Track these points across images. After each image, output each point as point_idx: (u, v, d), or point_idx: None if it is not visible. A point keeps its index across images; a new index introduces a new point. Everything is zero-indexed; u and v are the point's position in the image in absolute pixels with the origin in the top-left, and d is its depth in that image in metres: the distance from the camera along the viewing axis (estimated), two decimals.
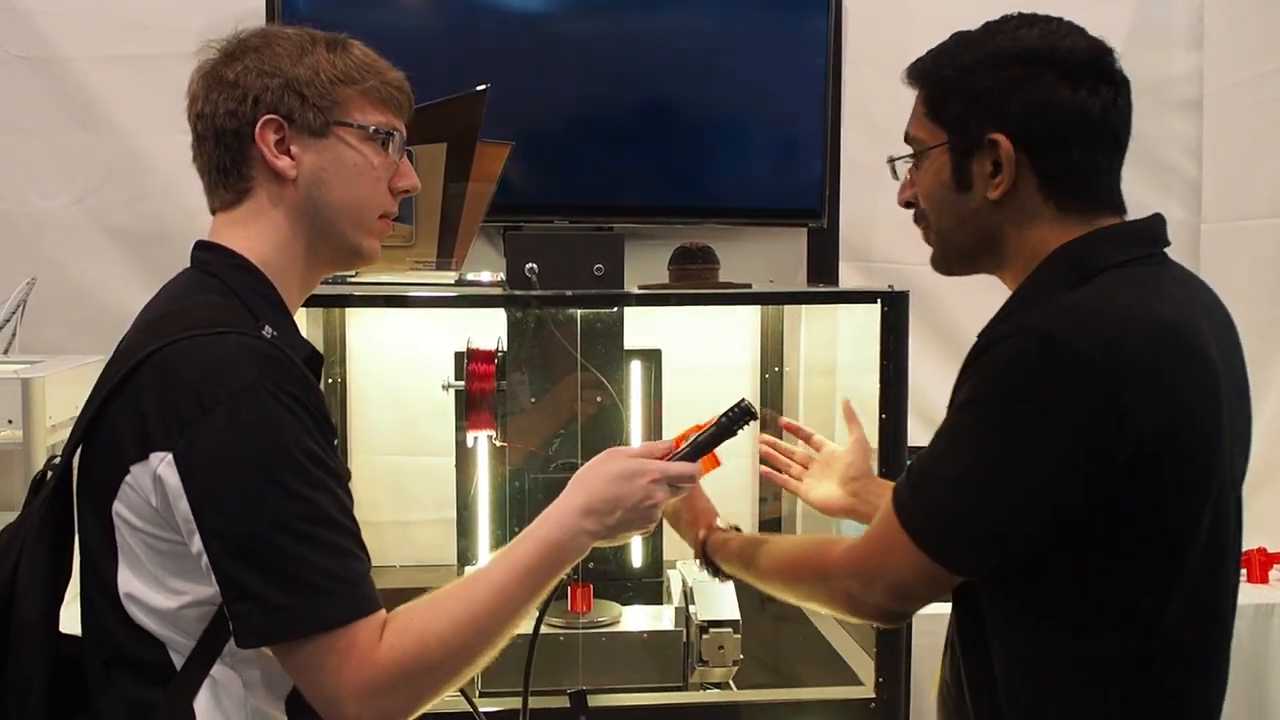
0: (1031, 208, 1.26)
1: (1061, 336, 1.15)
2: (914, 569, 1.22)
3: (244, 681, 1.16)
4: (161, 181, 2.56)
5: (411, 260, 2.09)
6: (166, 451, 1.09)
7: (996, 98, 1.25)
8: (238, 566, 1.08)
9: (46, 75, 2.58)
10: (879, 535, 1.27)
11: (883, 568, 1.25)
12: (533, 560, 1.23)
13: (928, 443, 1.27)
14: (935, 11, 2.74)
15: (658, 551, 2.49)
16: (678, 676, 2.20)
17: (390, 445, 2.73)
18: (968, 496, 1.20)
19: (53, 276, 2.55)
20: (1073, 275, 1.23)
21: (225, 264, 1.23)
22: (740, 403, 1.43)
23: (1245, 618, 2.47)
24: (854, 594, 1.29)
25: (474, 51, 2.54)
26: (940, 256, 1.37)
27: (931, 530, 1.21)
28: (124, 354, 1.16)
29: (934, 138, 1.30)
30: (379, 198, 1.28)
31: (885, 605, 1.27)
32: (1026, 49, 1.25)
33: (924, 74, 1.32)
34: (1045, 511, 1.18)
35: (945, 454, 1.23)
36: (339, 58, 1.24)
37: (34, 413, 2.09)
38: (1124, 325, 1.17)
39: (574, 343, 2.23)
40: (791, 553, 1.45)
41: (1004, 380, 1.18)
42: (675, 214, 2.66)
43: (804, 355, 2.78)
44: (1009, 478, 1.18)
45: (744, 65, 2.63)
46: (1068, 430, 1.15)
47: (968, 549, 1.21)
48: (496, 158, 2.09)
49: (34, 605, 1.16)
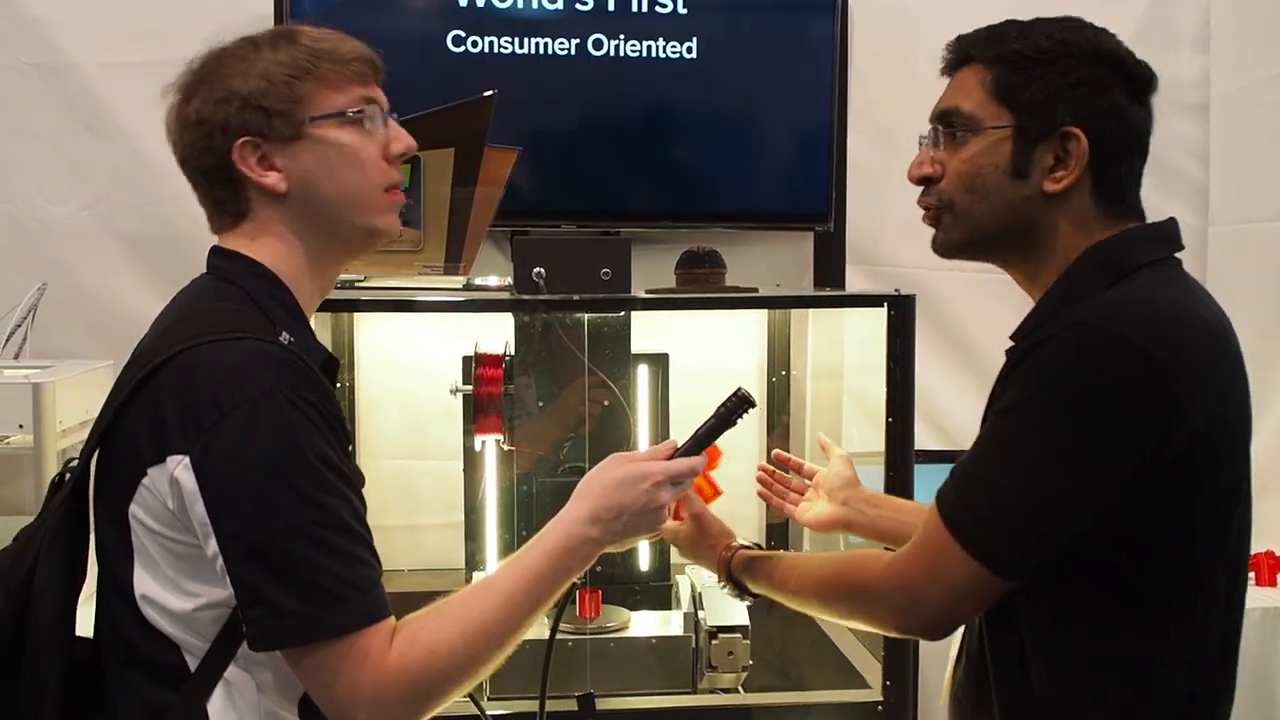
0: (1079, 208, 1.26)
1: (1119, 331, 1.15)
2: (965, 576, 1.19)
3: (258, 684, 1.17)
4: (171, 187, 2.52)
5: (419, 265, 2.09)
6: (184, 455, 1.10)
7: (1083, 92, 1.23)
8: (252, 570, 1.09)
9: (56, 81, 2.59)
10: (925, 546, 1.23)
11: (932, 578, 1.22)
12: (541, 569, 1.23)
13: (935, 444, 1.27)
14: (941, 16, 2.75)
15: (666, 556, 2.49)
16: (686, 682, 2.20)
17: (398, 449, 2.73)
18: (1021, 497, 1.18)
19: (63, 282, 2.56)
20: (1108, 274, 1.23)
21: (244, 271, 1.23)
22: (737, 391, 1.41)
23: (1253, 621, 2.46)
24: (901, 608, 1.25)
25: (481, 55, 2.54)
26: (958, 238, 1.32)
27: (984, 534, 1.19)
28: (141, 358, 1.17)
29: (996, 118, 1.25)
30: (378, 174, 1.26)
31: (934, 618, 1.24)
32: (1107, 53, 1.25)
33: (991, 51, 1.27)
34: (1094, 508, 1.17)
35: (994, 455, 1.21)
36: (284, 53, 1.22)
37: (44, 417, 2.10)
38: (1178, 323, 1.17)
39: (581, 347, 2.23)
40: (829, 570, 1.39)
41: (1058, 376, 1.16)
42: (682, 218, 2.66)
43: (811, 359, 2.78)
44: (1063, 475, 1.16)
45: (750, 69, 2.63)
46: (1122, 425, 1.14)
47: (1019, 551, 1.19)
48: (504, 163, 2.09)
49: (50, 608, 1.17)
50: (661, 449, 1.37)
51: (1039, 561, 1.20)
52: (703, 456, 1.38)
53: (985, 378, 2.97)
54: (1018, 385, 1.19)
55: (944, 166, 1.30)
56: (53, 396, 2.12)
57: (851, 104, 2.75)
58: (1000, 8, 1.36)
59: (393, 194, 1.28)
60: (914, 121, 3.05)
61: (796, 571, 1.43)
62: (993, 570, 1.18)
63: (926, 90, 3.08)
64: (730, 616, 2.14)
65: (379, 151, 1.26)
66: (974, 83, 1.28)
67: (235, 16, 2.55)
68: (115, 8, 2.60)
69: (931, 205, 1.33)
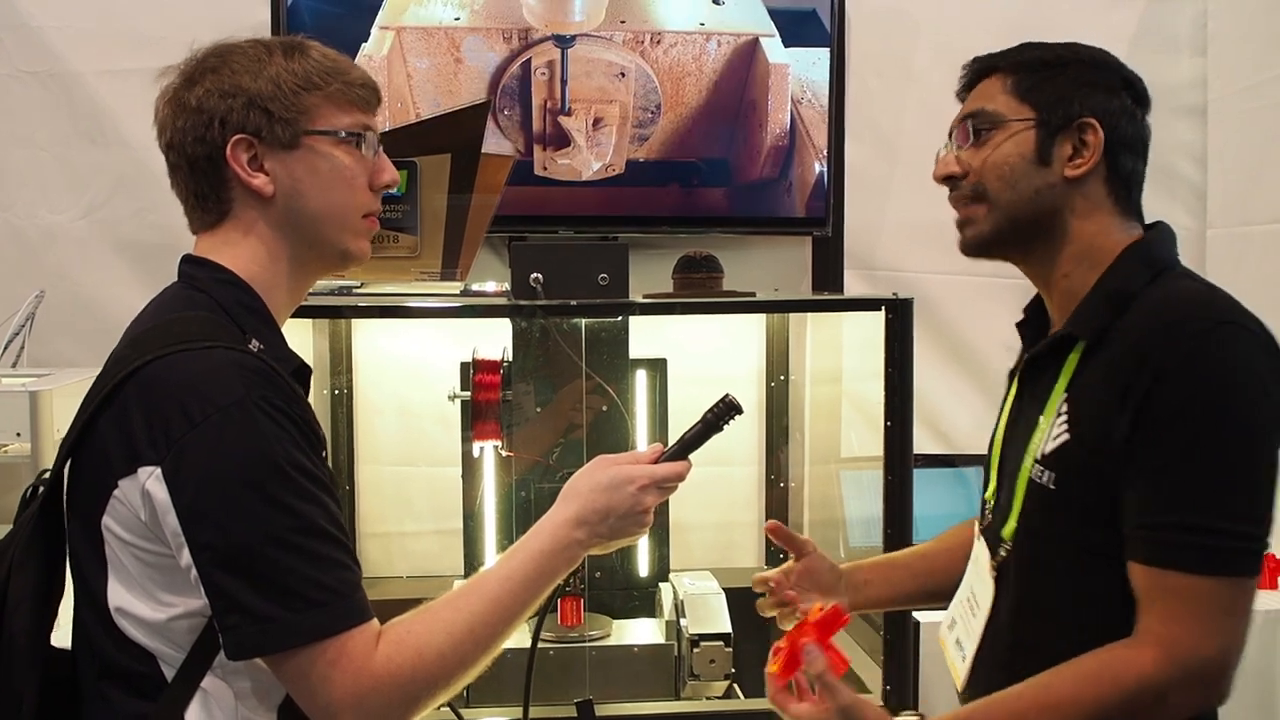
0: (1096, 197, 1.35)
1: (1240, 320, 1.23)
2: (1244, 601, 1.20)
3: (235, 692, 1.16)
4: (169, 195, 2.52)
5: (416, 271, 2.09)
6: (155, 466, 1.10)
7: (1097, 89, 1.34)
8: (227, 579, 1.08)
9: (56, 90, 2.60)
10: (1195, 602, 1.18)
11: (1225, 630, 1.19)
12: (528, 572, 1.24)
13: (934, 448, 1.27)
14: (939, 22, 2.76)
15: (663, 560, 2.49)
16: (669, 690, 2.20)
17: (396, 456, 2.73)
18: (1260, 498, 1.20)
19: (61, 289, 2.56)
20: (1149, 270, 1.31)
21: (212, 278, 1.23)
22: (725, 398, 1.40)
23: (1254, 625, 2.45)
24: (1207, 676, 1.19)
25: (477, 61, 2.55)
26: (988, 231, 1.37)
27: (1254, 548, 1.19)
28: (110, 369, 1.17)
29: (1019, 113, 1.36)
30: (360, 199, 1.27)
31: (1233, 667, 1.20)
32: (1115, 64, 1.37)
33: (1010, 60, 1.38)
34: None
35: (1208, 478, 1.19)
36: (298, 63, 1.23)
37: (42, 425, 2.10)
38: (1246, 311, 1.26)
39: (579, 352, 2.23)
40: (1083, 697, 1.19)
41: (1218, 375, 1.19)
42: (679, 223, 2.66)
43: (809, 363, 2.78)
44: (1271, 459, 1.20)
45: (747, 73, 2.63)
46: (1276, 400, 1.21)
47: (1268, 539, 1.21)
48: (500, 168, 2.09)
49: (24, 620, 1.16)
50: (647, 453, 1.37)
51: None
52: (688, 462, 1.37)
53: (983, 381, 3.01)
54: (1184, 404, 1.19)
55: (967, 164, 1.38)
56: (50, 404, 2.12)
57: (849, 109, 2.75)
58: (998, 13, 1.36)
59: (369, 220, 1.30)
60: (912, 126, 3.07)
61: (1035, 707, 1.22)
62: (1258, 574, 1.21)
63: (924, 95, 3.10)
64: (713, 624, 2.14)
65: (366, 178, 1.28)
66: (996, 88, 1.38)
67: (235, 26, 2.55)
68: (115, 17, 2.60)
69: (965, 197, 1.39)
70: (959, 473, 2.77)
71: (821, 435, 2.75)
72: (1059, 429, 1.30)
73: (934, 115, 1.60)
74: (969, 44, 1.54)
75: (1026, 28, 1.58)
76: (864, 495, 2.49)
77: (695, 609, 2.17)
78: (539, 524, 1.30)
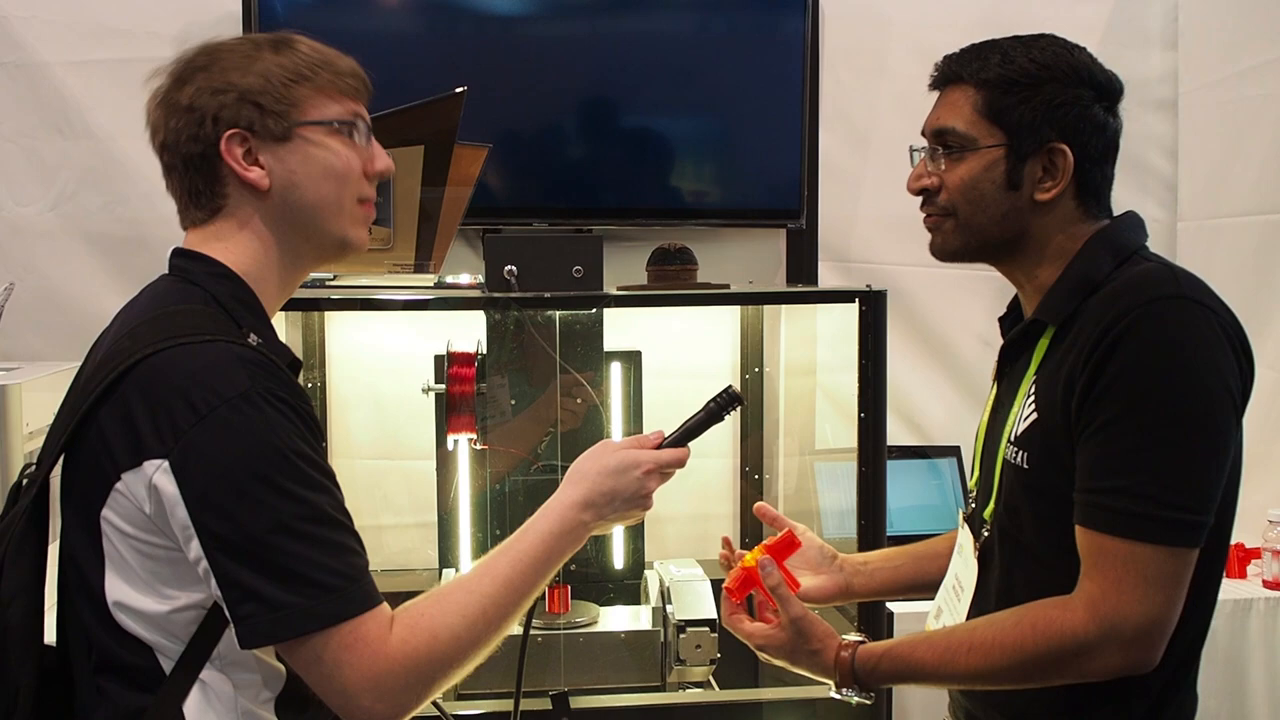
0: (1065, 211, 1.37)
1: (1195, 296, 1.24)
2: (1182, 570, 1.21)
3: (234, 684, 1.17)
4: (138, 187, 2.55)
5: (390, 263, 2.08)
6: (161, 459, 1.10)
7: (1068, 113, 1.34)
8: (240, 569, 1.09)
9: (22, 80, 2.57)
10: (1123, 567, 1.21)
11: (1156, 598, 1.20)
12: (537, 553, 1.27)
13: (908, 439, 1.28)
14: (911, 15, 2.76)
15: (638, 553, 2.49)
16: (656, 676, 2.21)
17: (370, 449, 2.72)
18: (1204, 463, 1.22)
19: (29, 282, 2.53)
20: (1115, 255, 1.34)
21: (205, 272, 1.23)
22: (727, 389, 1.44)
23: (1223, 613, 2.48)
24: (1130, 640, 1.21)
25: (451, 53, 2.53)
26: (958, 245, 1.41)
27: (1193, 519, 1.21)
28: (106, 361, 1.16)
29: (989, 137, 1.36)
30: (355, 187, 1.28)
31: (1164, 636, 1.22)
32: (1085, 73, 1.36)
33: (979, 74, 1.37)
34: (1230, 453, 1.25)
35: (1146, 444, 1.21)
36: (286, 57, 1.24)
37: (10, 419, 2.08)
38: (1211, 291, 1.28)
39: (554, 345, 2.23)
40: (1010, 636, 1.27)
41: (1171, 346, 1.22)
42: (653, 215, 2.66)
43: (783, 355, 2.79)
44: (1215, 428, 1.23)
45: (722, 67, 2.63)
46: (1227, 377, 1.23)
47: (1209, 514, 1.23)
48: (474, 160, 2.08)
49: (19, 613, 1.17)
50: (648, 438, 1.40)
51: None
52: (689, 449, 1.40)
53: (957, 373, 3.02)
54: (1126, 370, 1.22)
55: (941, 179, 1.40)
56: (19, 398, 2.10)
57: (823, 102, 2.75)
58: (970, 9, 1.36)
59: (366, 207, 1.31)
60: (885, 119, 3.08)
61: (963, 646, 1.30)
62: (1196, 547, 1.22)
63: (898, 88, 3.10)
64: (698, 610, 2.16)
65: (360, 166, 1.28)
66: (965, 103, 1.38)
67: (203, 16, 2.53)
68: (81, 6, 2.57)
69: (935, 214, 1.41)
70: (932, 464, 2.78)
71: (796, 427, 2.75)
72: (1028, 410, 1.33)
73: (907, 107, 1.60)
74: (941, 37, 1.55)
75: (999, 21, 1.59)
76: (838, 486, 2.51)
77: (681, 595, 2.19)
78: (546, 506, 1.32)
